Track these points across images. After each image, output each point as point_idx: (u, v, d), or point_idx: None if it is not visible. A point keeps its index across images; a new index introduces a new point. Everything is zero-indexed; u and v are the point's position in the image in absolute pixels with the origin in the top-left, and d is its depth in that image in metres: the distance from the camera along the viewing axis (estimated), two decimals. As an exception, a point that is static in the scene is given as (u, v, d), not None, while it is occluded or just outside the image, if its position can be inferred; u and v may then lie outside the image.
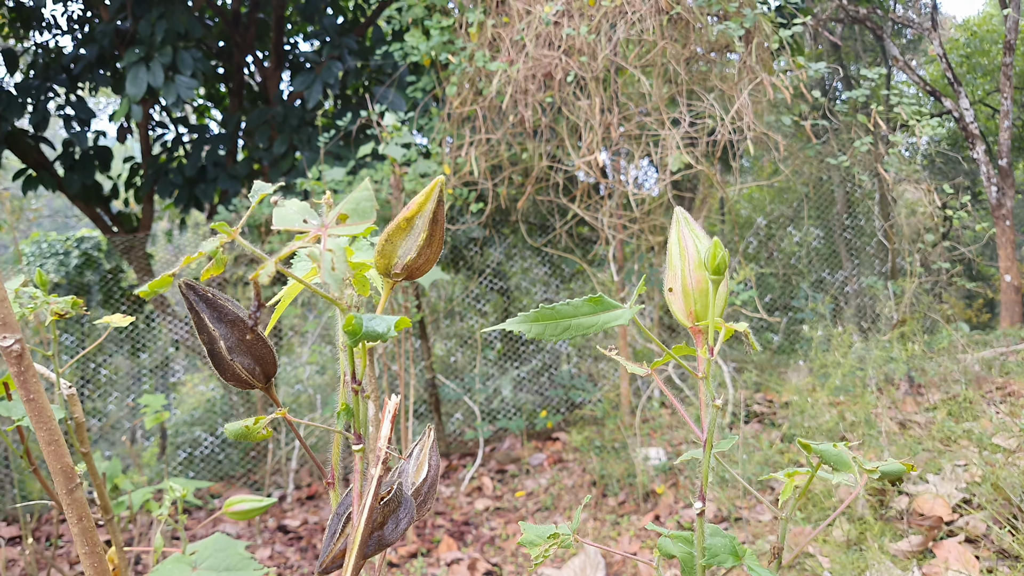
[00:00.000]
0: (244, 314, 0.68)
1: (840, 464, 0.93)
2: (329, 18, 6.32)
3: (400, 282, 0.75)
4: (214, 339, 0.65)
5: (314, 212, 0.58)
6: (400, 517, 0.68)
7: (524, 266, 6.20)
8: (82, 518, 0.58)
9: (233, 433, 0.70)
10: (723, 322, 0.82)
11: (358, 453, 0.69)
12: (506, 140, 4.68)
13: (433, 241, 0.71)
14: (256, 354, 0.67)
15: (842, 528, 3.16)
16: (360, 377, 0.69)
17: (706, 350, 0.82)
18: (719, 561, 0.87)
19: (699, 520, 0.84)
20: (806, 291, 5.88)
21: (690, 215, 0.87)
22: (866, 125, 5.29)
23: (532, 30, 4.26)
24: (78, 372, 7.33)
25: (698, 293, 0.83)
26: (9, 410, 1.47)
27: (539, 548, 0.97)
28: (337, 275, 0.54)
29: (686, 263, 0.84)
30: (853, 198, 6.36)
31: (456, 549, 4.13)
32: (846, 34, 10.85)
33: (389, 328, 0.64)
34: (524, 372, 6.06)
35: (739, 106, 4.19)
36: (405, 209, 0.70)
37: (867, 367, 3.71)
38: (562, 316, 0.74)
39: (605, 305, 0.76)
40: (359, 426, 0.67)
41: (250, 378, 0.68)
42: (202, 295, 0.65)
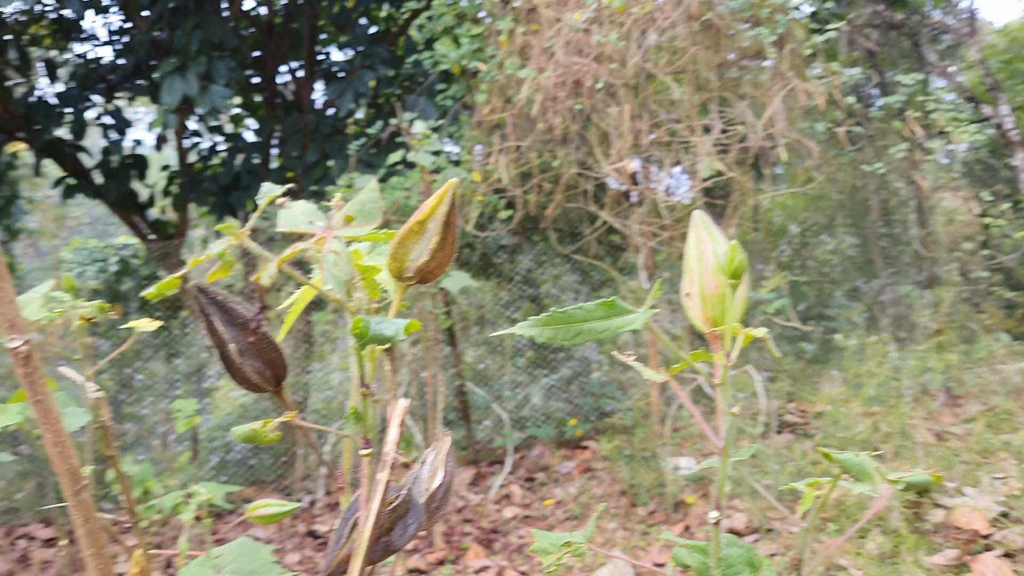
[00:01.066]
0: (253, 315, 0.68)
1: (861, 474, 0.90)
2: (361, 27, 6.38)
3: (412, 285, 0.74)
4: (224, 342, 0.65)
5: (320, 214, 0.58)
6: (408, 523, 0.67)
7: (554, 273, 6.19)
8: (88, 520, 0.58)
9: (240, 436, 0.70)
10: (741, 327, 0.80)
11: (366, 458, 0.68)
12: (536, 148, 4.68)
13: (446, 244, 0.70)
14: (266, 357, 0.67)
15: (876, 541, 3.10)
16: (369, 381, 0.67)
17: (723, 356, 0.81)
18: (735, 573, 0.84)
19: (714, 530, 0.82)
20: (840, 299, 5.79)
21: (710, 219, 0.85)
22: (902, 131, 5.21)
23: (562, 37, 4.25)
24: (116, 377, 7.45)
25: (715, 298, 0.82)
26: (39, 412, 1.50)
27: (551, 556, 0.95)
28: (340, 276, 0.54)
29: (703, 267, 0.83)
30: (889, 206, 6.26)
31: (484, 557, 4.12)
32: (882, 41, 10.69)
33: (398, 332, 0.63)
34: (554, 380, 6.04)
35: (771, 112, 4.15)
36: (417, 212, 0.69)
37: (902, 377, 3.64)
38: (574, 320, 0.73)
39: (619, 310, 0.75)
40: (367, 430, 0.67)
41: (260, 381, 0.67)
42: (212, 298, 0.65)
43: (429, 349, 4.21)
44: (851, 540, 3.27)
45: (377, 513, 0.64)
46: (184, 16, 5.82)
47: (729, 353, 0.81)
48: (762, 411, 4.33)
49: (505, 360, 6.02)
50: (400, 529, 0.66)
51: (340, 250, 0.55)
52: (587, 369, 6.36)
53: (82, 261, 8.59)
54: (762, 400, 4.36)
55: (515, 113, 4.53)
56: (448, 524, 4.52)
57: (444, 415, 5.85)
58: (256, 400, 7.85)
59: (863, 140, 5.67)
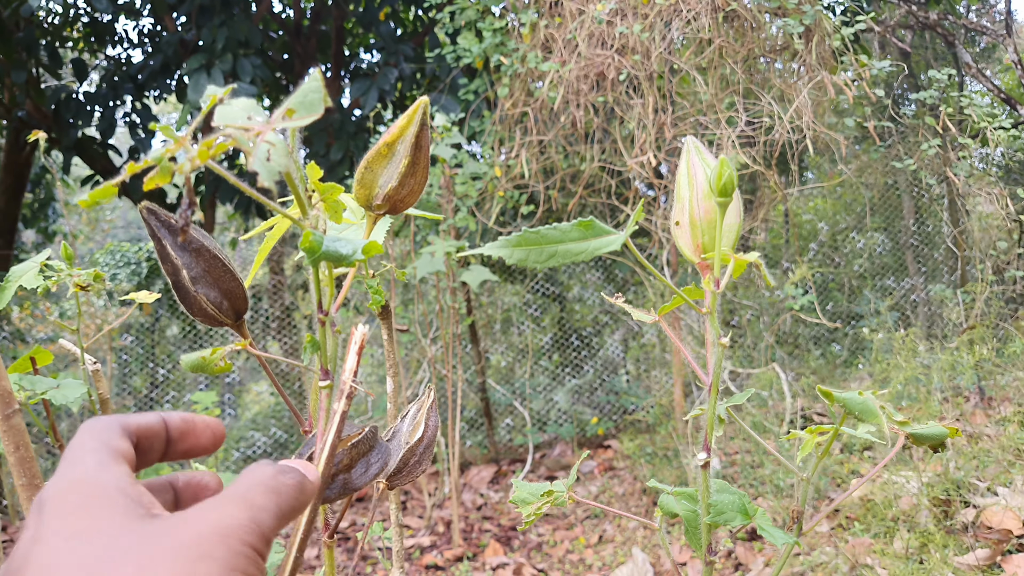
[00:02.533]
0: (211, 243, 0.63)
1: (865, 414, 0.84)
2: (385, 25, 6.40)
3: (382, 215, 0.69)
4: (177, 269, 0.61)
5: (262, 110, 0.53)
6: (371, 461, 0.63)
7: (577, 270, 6.13)
8: (19, 447, 0.53)
9: (189, 364, 0.65)
10: (732, 253, 0.74)
11: (324, 390, 0.61)
12: (558, 142, 4.64)
13: (417, 169, 0.66)
14: (224, 287, 0.63)
15: (903, 539, 3.00)
16: (327, 307, 0.62)
17: (711, 283, 0.75)
18: (726, 520, 0.78)
19: (703, 474, 0.76)
20: (869, 296, 5.66)
21: (704, 148, 0.80)
22: (934, 127, 5.09)
23: (585, 29, 4.21)
24: (148, 376, 7.52)
25: (706, 224, 0.76)
26: (34, 384, 1.47)
27: (531, 506, 0.90)
28: (273, 167, 0.49)
29: (694, 193, 0.78)
30: (920, 204, 6.13)
31: (503, 554, 4.07)
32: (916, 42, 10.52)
33: (355, 251, 0.58)
34: (581, 383, 5.99)
35: (798, 105, 4.08)
36: (385, 134, 0.66)
37: (932, 373, 3.54)
38: (548, 241, 0.66)
39: (596, 230, 0.69)
40: (326, 361, 0.61)
41: (217, 313, 0.63)
42: (164, 221, 0.61)
43: (448, 346, 4.18)
44: (877, 539, 3.17)
45: (332, 446, 0.59)
46: (211, 15, 5.88)
47: (719, 280, 0.75)
48: (788, 410, 4.24)
49: (527, 362, 5.98)
50: (362, 467, 0.62)
51: (276, 141, 0.50)
52: (612, 368, 6.29)
53: (115, 264, 8.72)
54: (788, 399, 4.27)
55: (537, 107, 4.50)
56: (467, 521, 4.47)
57: (466, 413, 5.82)
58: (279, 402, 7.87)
59: (894, 136, 5.55)
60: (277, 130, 0.54)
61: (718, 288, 0.75)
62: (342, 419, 0.59)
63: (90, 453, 0.42)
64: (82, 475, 0.40)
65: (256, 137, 0.50)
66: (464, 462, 5.39)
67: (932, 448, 0.89)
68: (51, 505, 0.39)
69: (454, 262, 4.01)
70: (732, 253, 0.75)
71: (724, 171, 0.71)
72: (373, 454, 0.63)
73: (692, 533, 0.82)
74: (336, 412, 0.59)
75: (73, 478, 0.40)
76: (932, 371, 3.58)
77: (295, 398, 6.35)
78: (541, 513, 0.89)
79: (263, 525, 0.41)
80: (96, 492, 0.39)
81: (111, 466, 0.41)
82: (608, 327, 6.60)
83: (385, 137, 0.66)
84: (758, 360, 4.94)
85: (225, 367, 0.67)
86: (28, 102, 6.23)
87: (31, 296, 8.82)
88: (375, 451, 0.63)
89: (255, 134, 0.50)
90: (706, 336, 0.80)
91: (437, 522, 4.46)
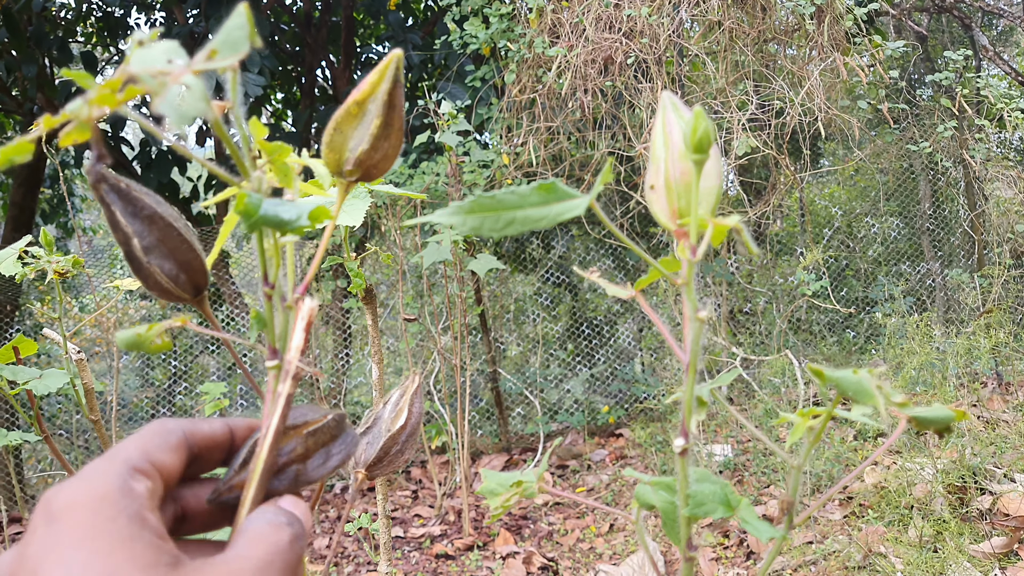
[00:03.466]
0: (167, 211, 0.58)
1: (860, 394, 0.77)
2: (395, 14, 6.36)
3: (354, 183, 0.64)
4: (128, 237, 0.56)
5: (184, 53, 0.49)
6: (332, 452, 0.57)
7: (588, 259, 6.09)
8: None
9: (124, 342, 0.60)
10: (710, 217, 0.69)
11: (272, 371, 0.56)
12: (566, 128, 4.60)
13: (391, 131, 0.61)
14: (180, 258, 0.58)
15: (916, 527, 2.95)
16: (273, 279, 0.57)
17: (686, 250, 0.69)
18: (706, 512, 0.73)
19: (680, 461, 0.71)
20: (883, 281, 5.58)
21: (679, 100, 0.75)
22: (951, 109, 5.00)
23: (592, 13, 4.16)
24: (169, 370, 7.56)
25: (682, 187, 0.70)
26: (16, 374, 1.46)
27: (499, 498, 0.85)
28: (187, 112, 0.45)
29: (670, 153, 0.72)
30: (937, 187, 6.03)
31: (513, 543, 4.05)
32: (932, 26, 10.35)
33: (299, 216, 0.54)
34: (594, 372, 5.95)
35: (810, 87, 4.01)
36: (355, 91, 0.61)
37: (948, 359, 3.48)
38: (504, 207, 0.60)
39: (559, 194, 0.62)
40: (273, 339, 0.57)
41: (173, 286, 0.58)
42: (114, 185, 0.56)
43: (458, 338, 4.16)
44: (891, 527, 3.12)
45: (277, 432, 0.54)
46: (221, 7, 5.87)
47: (695, 248, 0.70)
48: (800, 398, 4.18)
49: (543, 352, 5.95)
50: (320, 458, 0.57)
51: (193, 84, 0.46)
52: (627, 358, 6.25)
53: (132, 258, 8.76)
54: (801, 387, 4.22)
55: (545, 93, 4.45)
56: (478, 510, 4.46)
57: (476, 403, 5.80)
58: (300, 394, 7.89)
59: (909, 119, 5.46)
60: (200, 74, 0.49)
61: (694, 256, 0.70)
62: (287, 402, 0.54)
63: (120, 464, 0.41)
64: (102, 492, 0.39)
65: (169, 79, 0.46)
66: (475, 451, 5.38)
67: (937, 432, 0.82)
68: (63, 518, 0.37)
69: (461, 251, 3.99)
70: (711, 218, 0.70)
71: (700, 124, 0.65)
72: (335, 444, 0.58)
73: (670, 526, 0.77)
74: (281, 395, 0.54)
75: (92, 492, 0.39)
76: (948, 356, 3.52)
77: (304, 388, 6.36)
78: (509, 506, 0.84)
79: None
80: (116, 517, 0.38)
81: (133, 485, 0.40)
82: (621, 316, 6.56)
83: (355, 95, 0.60)
84: (771, 347, 4.89)
85: (163, 345, 0.61)
86: (40, 96, 6.25)
87: (51, 291, 8.90)
88: (338, 440, 0.58)
89: (171, 77, 0.46)
90: (683, 310, 0.74)
91: (448, 511, 4.45)
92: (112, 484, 0.39)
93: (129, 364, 7.48)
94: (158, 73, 0.47)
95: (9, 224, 7.33)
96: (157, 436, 0.45)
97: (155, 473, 0.42)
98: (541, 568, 3.77)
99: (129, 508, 0.38)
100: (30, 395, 1.51)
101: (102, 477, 0.40)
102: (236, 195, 0.62)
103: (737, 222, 0.68)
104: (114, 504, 0.38)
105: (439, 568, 3.87)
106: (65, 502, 0.38)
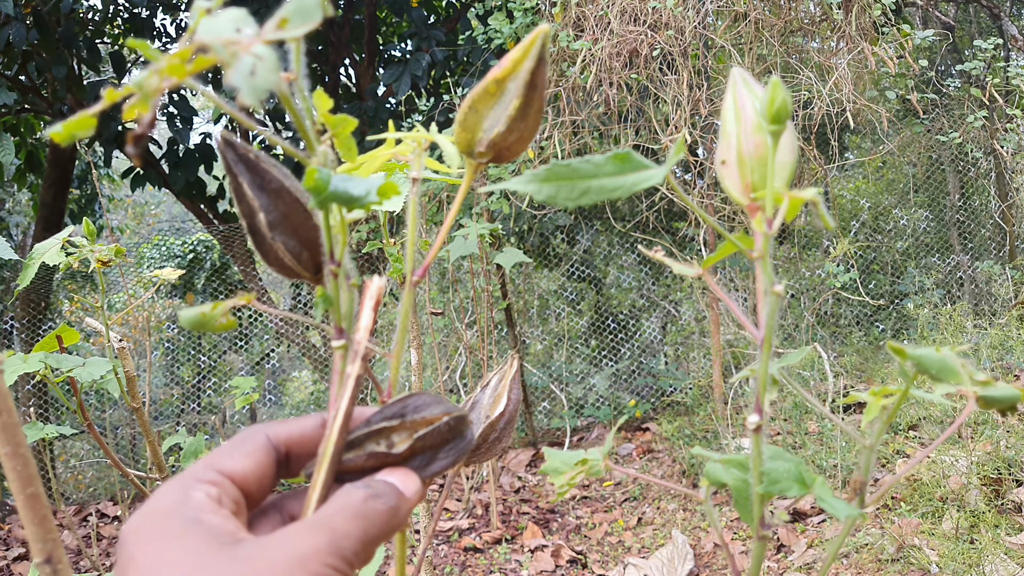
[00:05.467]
0: (293, 184, 0.56)
1: (944, 372, 0.74)
2: (417, 11, 6.38)
3: (485, 165, 0.61)
4: (253, 211, 0.53)
5: (253, 21, 0.48)
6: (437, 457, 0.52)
7: (612, 253, 6.08)
8: (1, 412, 0.51)
9: (187, 321, 0.58)
10: (785, 190, 0.67)
11: (338, 351, 0.54)
12: (591, 122, 4.59)
13: (529, 113, 0.58)
14: (304, 235, 0.55)
15: (952, 519, 2.92)
16: (339, 257, 0.55)
17: (763, 223, 0.67)
18: (781, 489, 0.71)
19: (755, 438, 0.69)
20: (914, 273, 5.52)
21: (752, 79, 0.74)
22: (980, 99, 4.94)
23: (617, 5, 4.15)
24: (194, 366, 7.64)
25: (756, 160, 0.69)
26: (60, 362, 1.48)
27: (564, 476, 0.84)
28: (260, 85, 0.44)
29: (742, 127, 0.70)
30: (966, 179, 5.96)
31: (541, 536, 4.06)
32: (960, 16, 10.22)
33: (369, 191, 0.51)
34: (619, 367, 5.94)
35: (837, 77, 3.97)
36: (495, 69, 0.57)
37: (981, 350, 3.44)
38: (580, 176, 0.59)
39: (634, 163, 0.60)
40: (339, 318, 0.55)
41: (295, 264, 0.56)
42: (242, 155, 0.53)
43: (483, 332, 4.17)
44: (925, 519, 3.09)
45: (346, 414, 0.52)
46: (246, 5, 5.93)
47: (771, 221, 0.68)
48: (830, 391, 4.15)
49: (567, 347, 5.95)
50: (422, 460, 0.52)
51: (264, 54, 0.45)
52: (651, 353, 6.23)
53: (161, 257, 8.89)
54: (830, 380, 4.19)
55: (569, 87, 4.45)
56: (505, 504, 4.47)
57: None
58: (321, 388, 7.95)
59: (938, 109, 5.39)
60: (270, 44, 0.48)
61: (771, 229, 0.68)
62: (357, 383, 0.53)
63: (180, 480, 0.43)
64: (161, 505, 0.41)
65: (240, 49, 0.44)
66: (502, 446, 5.39)
67: (1001, 411, 0.80)
68: (131, 538, 0.40)
69: (487, 245, 3.99)
70: (785, 191, 0.68)
71: (777, 94, 0.63)
72: (443, 449, 0.53)
73: (742, 504, 0.75)
74: (350, 376, 0.52)
75: (151, 509, 0.41)
76: (981, 348, 3.48)
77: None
78: (576, 483, 0.83)
79: (345, 550, 0.41)
80: (172, 523, 0.40)
81: (191, 494, 0.42)
82: (646, 311, 6.54)
83: (495, 72, 0.57)
84: (799, 340, 4.85)
85: (229, 324, 0.59)
86: (69, 96, 6.34)
87: (81, 288, 9.02)
88: (448, 445, 0.53)
89: (241, 47, 0.44)
90: (757, 285, 0.72)
91: (475, 505, 4.46)
92: (170, 498, 0.41)
93: (156, 361, 7.57)
94: (228, 43, 0.46)
95: (40, 224, 7.43)
96: (228, 444, 0.47)
97: (221, 479, 0.44)
98: (570, 561, 3.77)
99: (184, 513, 0.40)
100: (73, 384, 1.52)
101: (162, 494, 0.42)
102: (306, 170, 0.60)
103: (814, 195, 0.66)
104: (168, 514, 0.40)
105: (467, 561, 3.89)
106: (131, 524, 0.41)
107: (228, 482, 0.44)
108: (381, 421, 0.52)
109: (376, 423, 0.52)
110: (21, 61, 6.33)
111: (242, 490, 0.45)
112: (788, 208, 0.67)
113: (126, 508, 3.95)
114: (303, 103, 0.56)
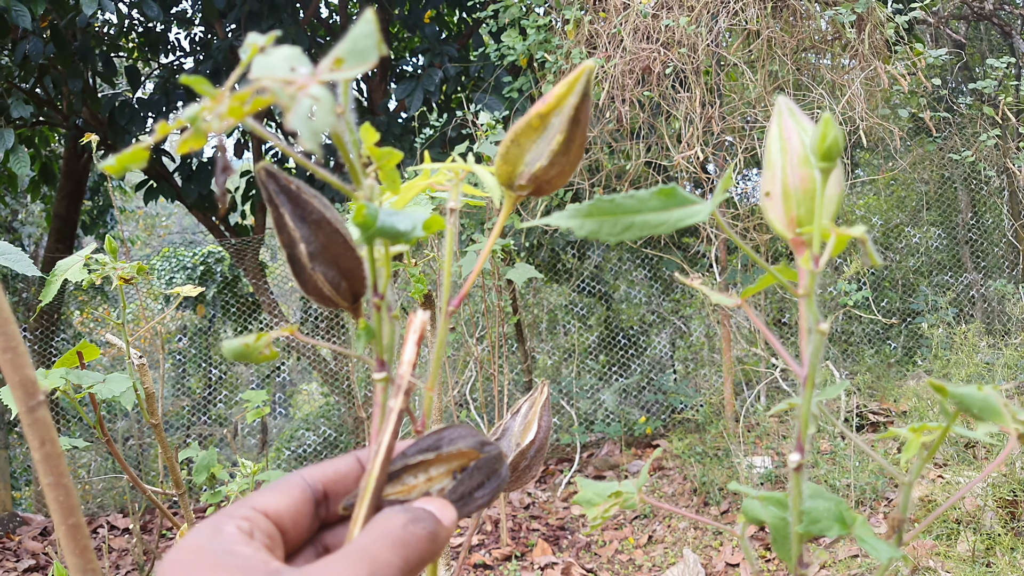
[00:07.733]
0: (333, 215, 0.57)
1: (987, 412, 0.73)
2: (430, 27, 6.42)
3: (524, 197, 0.62)
4: (294, 241, 0.55)
5: (307, 60, 0.49)
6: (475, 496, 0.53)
7: (623, 269, 6.08)
8: (45, 443, 0.51)
9: (231, 351, 0.59)
10: (834, 227, 0.65)
11: (380, 384, 0.55)
12: (603, 139, 4.60)
13: (571, 147, 0.58)
14: (343, 265, 0.56)
15: (967, 541, 2.90)
16: (382, 290, 0.56)
17: (809, 260, 0.66)
18: (821, 529, 0.70)
19: (795, 477, 0.68)
20: (926, 292, 5.50)
21: (798, 109, 0.73)
22: (993, 117, 4.93)
23: (630, 23, 4.17)
24: (203, 377, 7.66)
25: (802, 194, 0.67)
26: (81, 378, 1.49)
27: (597, 508, 0.83)
28: (318, 127, 0.44)
29: (788, 159, 0.68)
30: (978, 197, 5.94)
31: (551, 553, 4.04)
32: (970, 34, 10.22)
33: (415, 226, 0.52)
34: (628, 383, 5.93)
35: (850, 95, 3.98)
36: (539, 103, 0.58)
37: (996, 370, 3.42)
38: (623, 211, 0.58)
39: (679, 199, 0.59)
40: (381, 351, 0.55)
41: (333, 293, 0.56)
42: (284, 186, 0.54)
43: (494, 346, 4.17)
44: (940, 540, 3.07)
45: (388, 448, 0.53)
46: (260, 21, 5.97)
47: (818, 258, 0.67)
48: (843, 409, 4.13)
49: (577, 363, 5.94)
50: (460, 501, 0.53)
51: (321, 95, 0.45)
52: (660, 368, 6.22)
53: (172, 268, 8.92)
54: (843, 398, 4.17)
55: (582, 104, 4.46)
56: (515, 520, 4.45)
57: (512, 413, 5.79)
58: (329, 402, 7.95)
59: (951, 127, 5.39)
60: (324, 83, 0.48)
61: (817, 267, 0.67)
62: (399, 418, 0.53)
63: (215, 517, 0.44)
64: (194, 541, 0.42)
65: (298, 91, 0.44)
66: (511, 462, 5.37)
67: None
68: (165, 573, 0.41)
69: (499, 260, 4.00)
70: (833, 227, 0.67)
71: (829, 131, 0.63)
72: (481, 489, 0.53)
73: (781, 543, 0.73)
74: (393, 410, 0.53)
75: (185, 544, 0.42)
76: (995, 367, 3.46)
77: (342, 397, 6.40)
78: (608, 517, 0.83)
79: None
80: (204, 556, 0.41)
81: (223, 528, 0.42)
82: (655, 326, 6.53)
83: (538, 107, 0.58)
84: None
85: (271, 355, 0.60)
86: (84, 109, 6.39)
87: (92, 300, 9.05)
88: (485, 485, 0.53)
89: (297, 87, 0.44)
90: (800, 323, 0.71)
91: (485, 521, 4.45)
92: (203, 533, 0.42)
93: (165, 373, 7.58)
94: (286, 83, 0.46)
95: (52, 235, 7.48)
96: (265, 486, 0.48)
97: (254, 514, 0.44)
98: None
99: (216, 547, 0.41)
100: (93, 400, 1.53)
101: (197, 530, 0.43)
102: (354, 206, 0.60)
103: (862, 232, 0.65)
104: (201, 548, 0.41)
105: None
106: (166, 560, 0.42)
107: (261, 517, 0.45)
108: (417, 454, 0.52)
109: (412, 456, 0.52)
110: (38, 75, 6.39)
111: (277, 525, 0.46)
112: (835, 245, 0.66)
113: (136, 520, 3.96)
114: (350, 136, 0.57)
